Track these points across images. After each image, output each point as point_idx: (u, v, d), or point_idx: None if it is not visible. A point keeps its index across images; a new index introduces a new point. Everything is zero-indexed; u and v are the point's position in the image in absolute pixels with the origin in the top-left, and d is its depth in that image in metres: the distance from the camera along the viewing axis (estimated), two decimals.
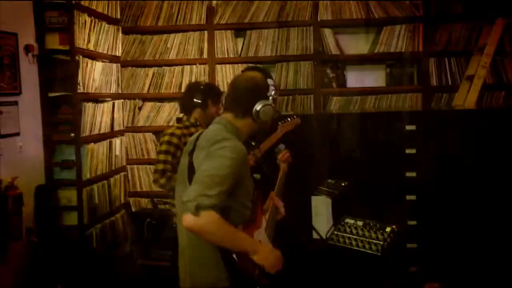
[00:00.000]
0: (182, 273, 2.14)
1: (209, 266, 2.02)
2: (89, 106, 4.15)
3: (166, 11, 5.11)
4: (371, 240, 2.19)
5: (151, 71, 5.15)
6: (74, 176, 4.05)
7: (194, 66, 5.11)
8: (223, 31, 5.11)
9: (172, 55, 5.14)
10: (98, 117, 4.33)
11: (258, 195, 2.23)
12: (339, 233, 2.30)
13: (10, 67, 3.54)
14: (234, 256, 1.93)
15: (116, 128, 4.76)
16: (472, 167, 3.35)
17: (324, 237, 2.59)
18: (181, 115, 3.51)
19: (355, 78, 5.20)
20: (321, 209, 2.93)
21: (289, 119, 2.96)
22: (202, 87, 3.34)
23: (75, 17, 3.92)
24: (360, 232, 2.25)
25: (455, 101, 4.60)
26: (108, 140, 4.56)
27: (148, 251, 4.40)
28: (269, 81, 2.15)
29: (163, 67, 5.14)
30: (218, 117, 2.19)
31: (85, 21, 4.08)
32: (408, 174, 3.33)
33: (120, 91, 4.95)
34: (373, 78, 5.19)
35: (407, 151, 3.33)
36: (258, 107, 2.10)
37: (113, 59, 4.74)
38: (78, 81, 3.97)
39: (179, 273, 2.16)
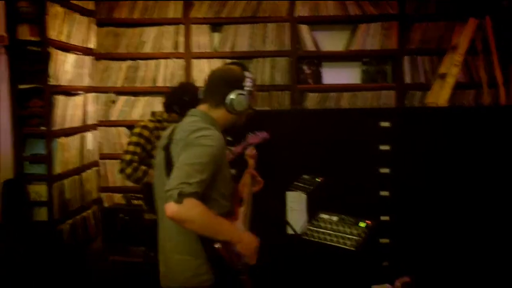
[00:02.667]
0: (163, 267, 2.11)
1: (190, 258, 2.01)
2: (60, 99, 4.07)
3: (142, 4, 5.04)
4: (346, 235, 2.19)
5: (125, 64, 5.07)
6: (45, 170, 3.96)
7: (170, 60, 5.06)
8: (200, 25, 5.07)
9: (147, 49, 5.07)
10: (70, 111, 4.25)
11: (234, 188, 2.23)
12: (313, 228, 2.30)
13: None
14: (217, 246, 1.91)
15: (89, 122, 4.68)
16: (445, 164, 3.40)
17: (298, 232, 2.60)
18: (155, 110, 3.47)
19: (331, 75, 5.24)
20: (296, 205, 2.93)
21: (258, 133, 2.99)
22: (187, 98, 3.23)
23: (47, 8, 3.83)
24: (335, 227, 2.25)
25: (428, 99, 4.66)
26: (80, 134, 4.48)
27: (121, 247, 4.34)
28: (246, 73, 2.15)
29: (138, 61, 5.07)
30: (193, 109, 2.17)
31: (57, 11, 3.99)
32: (382, 170, 3.36)
33: (93, 84, 4.86)
34: (349, 75, 5.23)
35: (381, 147, 3.35)
36: (232, 95, 2.09)
37: (86, 51, 4.65)
38: (50, 73, 3.88)
39: (160, 268, 2.13)
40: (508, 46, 4.81)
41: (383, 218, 3.37)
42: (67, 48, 4.20)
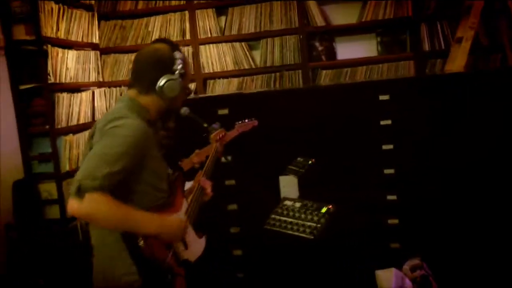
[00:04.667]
0: (95, 270, 2.01)
1: (115, 259, 1.89)
2: (63, 97, 4.06)
3: None
4: (306, 223, 2.02)
5: (134, 56, 5.02)
6: (53, 169, 3.98)
7: None
8: (204, 9, 4.95)
9: (154, 39, 4.99)
10: (75, 107, 4.24)
11: (178, 177, 2.11)
12: (276, 216, 2.15)
13: None
14: (141, 243, 1.80)
15: (98, 117, 4.67)
16: (455, 136, 3.12)
17: None
18: None
19: (345, 50, 5.02)
20: (289, 189, 2.79)
21: (246, 120, 2.87)
22: None
23: (40, 6, 3.80)
24: (297, 215, 2.09)
25: (446, 66, 4.36)
26: (89, 131, 4.47)
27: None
28: (176, 54, 2.01)
29: None
30: (123, 95, 2.06)
31: (52, 8, 3.96)
32: (384, 147, 3.13)
33: (101, 79, 4.85)
34: (364, 48, 4.99)
35: (382, 122, 3.12)
36: (162, 82, 1.96)
37: (90, 46, 4.63)
38: (48, 71, 3.87)
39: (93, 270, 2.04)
40: None
41: (389, 197, 3.15)
42: (66, 44, 4.18)
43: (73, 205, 1.69)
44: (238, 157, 2.83)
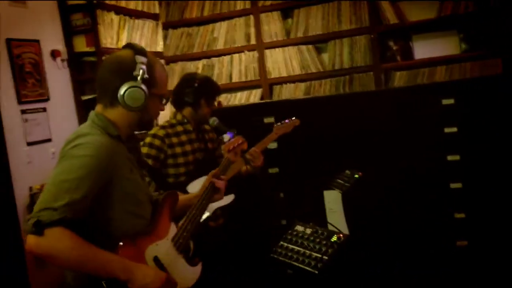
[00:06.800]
0: None
1: None
2: None
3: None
4: (312, 253, 1.72)
5: (200, 64, 4.99)
6: None
7: (243, 53, 4.86)
8: (269, 12, 4.78)
9: (219, 45, 4.93)
10: None
11: (165, 199, 1.88)
12: (284, 243, 1.87)
13: (33, 74, 3.57)
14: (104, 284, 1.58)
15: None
16: None
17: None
18: None
19: (423, 48, 4.58)
20: (333, 205, 2.52)
21: (286, 121, 2.64)
22: (196, 84, 2.95)
23: (99, 17, 3.85)
24: (305, 243, 1.78)
25: None
26: None
27: None
28: (138, 58, 1.74)
29: (212, 58, 4.95)
30: (91, 111, 1.84)
31: (112, 19, 4.00)
32: (450, 157, 2.74)
33: (170, 88, 4.84)
34: (445, 45, 4.52)
35: (446, 130, 2.73)
36: (122, 91, 1.71)
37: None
38: None
39: None
40: None
41: (457, 215, 2.75)
42: None
43: (31, 242, 1.51)
44: (285, 168, 2.60)
